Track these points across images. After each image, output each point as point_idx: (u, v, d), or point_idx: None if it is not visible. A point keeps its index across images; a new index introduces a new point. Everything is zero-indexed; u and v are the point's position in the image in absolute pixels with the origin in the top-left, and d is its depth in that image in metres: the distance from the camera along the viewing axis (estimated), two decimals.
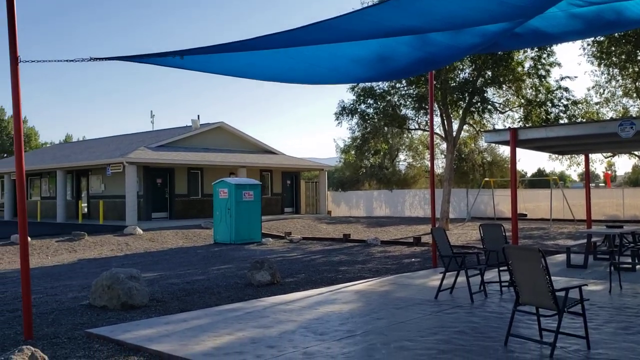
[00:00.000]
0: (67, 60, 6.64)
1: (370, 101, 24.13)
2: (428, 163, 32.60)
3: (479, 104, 23.09)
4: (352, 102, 24.25)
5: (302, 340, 6.16)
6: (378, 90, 23.83)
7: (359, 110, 24.35)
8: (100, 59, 6.39)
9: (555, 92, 22.61)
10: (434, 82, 15.30)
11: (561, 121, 21.91)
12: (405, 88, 23.90)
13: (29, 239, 12.62)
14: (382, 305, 8.07)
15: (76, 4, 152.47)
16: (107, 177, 27.72)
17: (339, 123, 24.97)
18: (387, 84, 23.83)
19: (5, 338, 6.71)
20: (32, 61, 6.60)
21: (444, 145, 28.15)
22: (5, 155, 61.36)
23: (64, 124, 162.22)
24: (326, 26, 6.12)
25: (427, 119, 24.22)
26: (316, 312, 7.68)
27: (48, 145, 62.59)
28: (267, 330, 6.65)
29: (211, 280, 11.15)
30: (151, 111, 62.83)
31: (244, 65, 7.44)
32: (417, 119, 25.24)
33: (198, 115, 33.27)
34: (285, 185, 33.84)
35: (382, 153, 30.60)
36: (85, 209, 29.22)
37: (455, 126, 23.89)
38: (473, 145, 32.16)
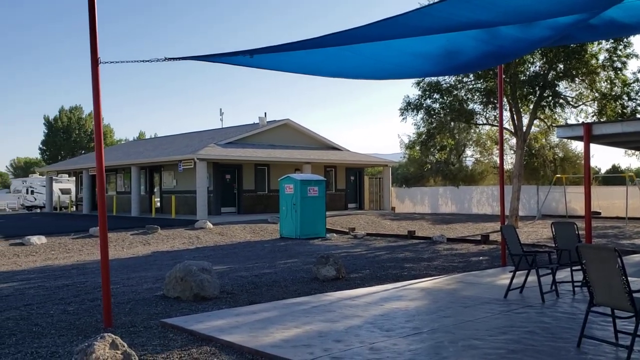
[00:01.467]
0: (143, 61, 6.94)
1: (436, 96, 23.78)
2: (496, 159, 31.84)
3: (550, 98, 22.35)
4: (417, 97, 23.97)
5: (369, 335, 6.21)
6: (444, 85, 23.47)
7: (424, 105, 24.04)
8: (174, 58, 6.65)
9: (632, 85, 21.59)
10: (503, 76, 14.96)
11: (638, 115, 20.93)
12: (473, 82, 23.43)
13: None
14: (449, 303, 8.00)
15: (148, 4, 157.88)
16: (178, 173, 28.67)
17: (403, 119, 24.75)
18: (453, 79, 23.42)
19: (87, 325, 7.10)
20: (112, 62, 6.91)
21: (513, 141, 27.44)
22: (82, 152, 64.31)
23: (136, 121, 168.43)
24: (394, 23, 6.13)
25: (495, 113, 23.67)
26: (382, 308, 7.71)
27: (122, 142, 65.28)
28: (333, 324, 6.73)
29: (278, 273, 11.37)
30: (220, 109, 64.17)
31: (311, 62, 7.55)
32: (485, 113, 24.71)
33: (265, 113, 33.79)
34: (349, 181, 33.92)
35: (448, 149, 29.99)
36: (158, 204, 30.29)
37: (525, 121, 23.23)
38: (544, 140, 31.13)
